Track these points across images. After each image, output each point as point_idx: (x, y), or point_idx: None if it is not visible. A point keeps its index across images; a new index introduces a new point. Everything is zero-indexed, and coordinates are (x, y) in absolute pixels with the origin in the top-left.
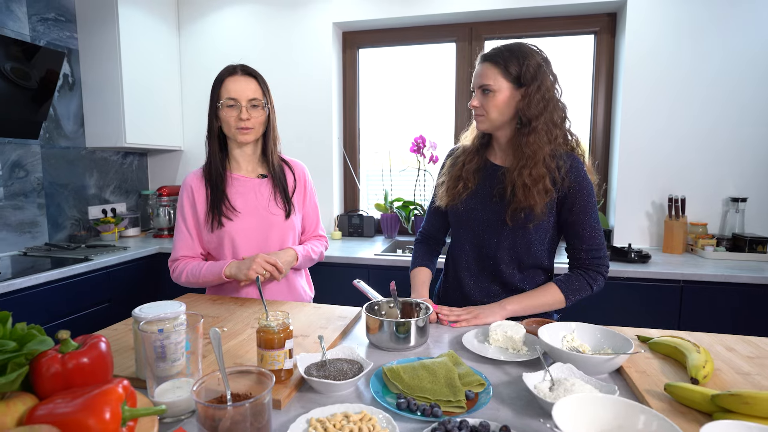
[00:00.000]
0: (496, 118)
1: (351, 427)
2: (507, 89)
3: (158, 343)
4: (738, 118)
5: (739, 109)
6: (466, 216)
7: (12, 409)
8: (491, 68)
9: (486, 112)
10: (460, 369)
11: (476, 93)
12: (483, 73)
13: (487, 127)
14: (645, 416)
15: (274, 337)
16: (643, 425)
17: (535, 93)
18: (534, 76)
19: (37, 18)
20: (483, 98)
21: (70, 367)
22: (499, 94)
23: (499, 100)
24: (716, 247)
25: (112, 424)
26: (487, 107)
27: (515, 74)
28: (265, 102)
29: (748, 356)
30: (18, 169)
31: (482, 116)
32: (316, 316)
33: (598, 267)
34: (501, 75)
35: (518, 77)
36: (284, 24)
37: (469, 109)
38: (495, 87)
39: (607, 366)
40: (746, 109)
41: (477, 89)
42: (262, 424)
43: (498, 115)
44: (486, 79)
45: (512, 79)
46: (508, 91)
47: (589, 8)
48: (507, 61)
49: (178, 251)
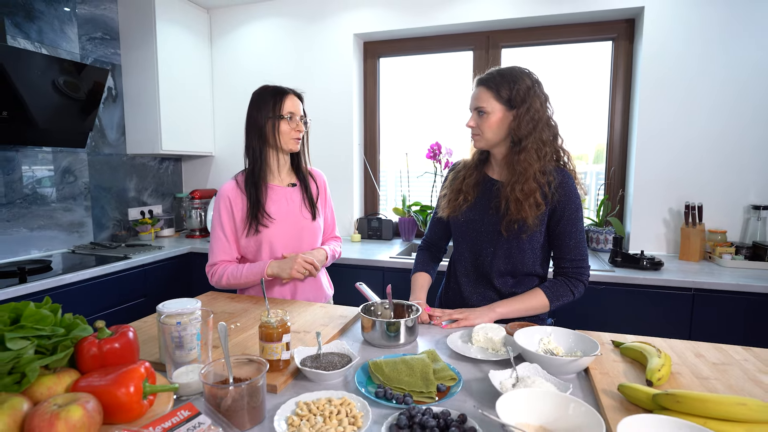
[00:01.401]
0: (491, 137)
1: (331, 409)
2: (499, 111)
3: (176, 334)
4: (762, 124)
5: (759, 116)
6: (465, 227)
7: (61, 380)
8: (485, 92)
9: (481, 132)
10: (436, 365)
11: (473, 114)
12: (478, 96)
13: (483, 146)
14: (573, 405)
15: (273, 332)
16: (572, 413)
17: (525, 114)
18: (524, 99)
19: (86, 37)
20: (478, 119)
21: (105, 350)
22: (492, 116)
23: (492, 121)
24: (734, 256)
25: (135, 396)
26: (482, 127)
27: (506, 97)
28: (306, 119)
29: (713, 363)
30: (68, 174)
31: (478, 135)
32: (320, 315)
33: (580, 276)
34: (494, 98)
35: (509, 100)
36: (309, 36)
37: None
38: (488, 109)
39: (572, 367)
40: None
41: (473, 110)
42: (258, 403)
43: (492, 135)
44: (480, 102)
45: (504, 101)
46: (501, 112)
47: (607, 15)
48: (499, 85)
49: (216, 256)
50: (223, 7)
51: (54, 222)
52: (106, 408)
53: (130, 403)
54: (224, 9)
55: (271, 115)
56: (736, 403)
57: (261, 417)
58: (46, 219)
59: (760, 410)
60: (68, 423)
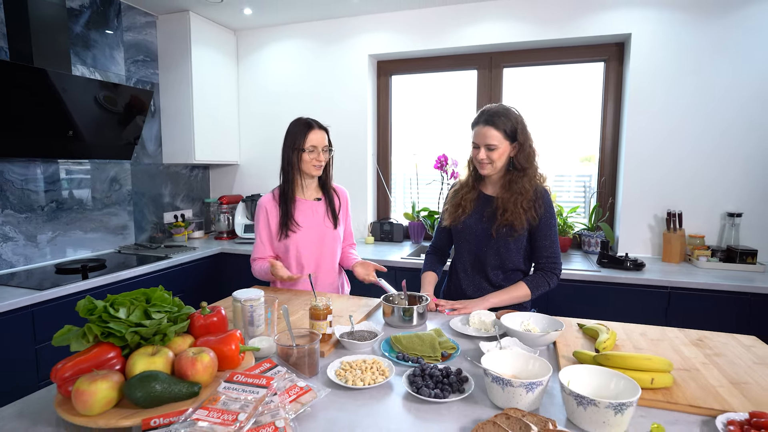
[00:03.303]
0: (499, 165)
1: (366, 366)
2: (505, 145)
3: (249, 313)
4: (735, 139)
5: (737, 130)
6: (464, 233)
7: (185, 340)
8: (493, 130)
9: (492, 161)
10: (441, 338)
11: (482, 148)
12: (487, 134)
13: (490, 172)
14: (533, 360)
15: (320, 313)
16: (532, 366)
17: (526, 147)
18: (522, 133)
19: (131, 60)
20: (488, 152)
21: (208, 322)
22: (500, 149)
23: (500, 153)
24: (710, 258)
25: (235, 351)
26: (492, 158)
27: (509, 133)
28: (330, 147)
29: (651, 339)
30: (115, 183)
31: (489, 164)
32: (350, 303)
33: (553, 269)
34: (501, 135)
35: (511, 134)
36: (327, 55)
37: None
38: (497, 144)
39: (542, 340)
40: (744, 130)
41: (482, 146)
42: (314, 361)
43: (500, 164)
44: (490, 140)
45: (507, 136)
46: (507, 146)
47: (599, 40)
48: (504, 124)
49: (256, 254)
50: (248, 29)
51: (102, 225)
52: (218, 358)
53: (233, 355)
54: (250, 31)
55: (296, 147)
56: (644, 358)
57: (317, 370)
58: (96, 222)
59: (660, 363)
60: (203, 363)
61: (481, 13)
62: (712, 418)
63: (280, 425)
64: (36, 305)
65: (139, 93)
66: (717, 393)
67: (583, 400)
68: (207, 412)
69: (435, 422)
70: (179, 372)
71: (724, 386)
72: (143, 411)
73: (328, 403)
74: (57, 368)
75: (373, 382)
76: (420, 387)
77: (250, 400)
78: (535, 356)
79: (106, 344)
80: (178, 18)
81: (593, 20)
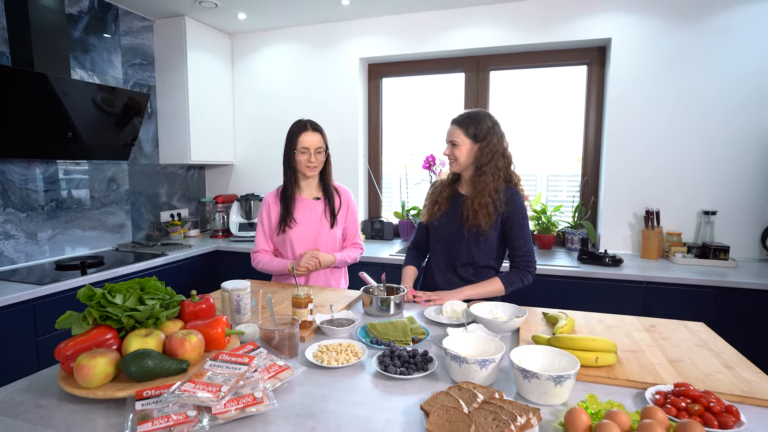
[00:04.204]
0: (462, 162)
1: (341, 348)
2: (468, 144)
3: (236, 302)
4: (711, 140)
5: (712, 132)
6: (438, 230)
7: (176, 324)
8: (457, 129)
9: (455, 158)
10: (413, 325)
11: (448, 145)
12: (452, 132)
13: (457, 169)
14: (490, 342)
15: (302, 301)
16: (489, 347)
17: (485, 147)
18: (485, 136)
19: (128, 64)
20: (452, 149)
21: (197, 309)
22: (462, 147)
23: (462, 150)
24: (685, 254)
25: (222, 335)
26: (455, 154)
27: (473, 133)
28: (325, 148)
29: (609, 326)
30: (113, 183)
31: (454, 161)
32: (334, 295)
33: (527, 267)
34: (463, 134)
35: (475, 135)
36: (319, 58)
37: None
38: (459, 142)
39: (506, 326)
40: (718, 132)
41: (448, 143)
42: (294, 344)
43: (463, 161)
44: (454, 137)
45: (471, 136)
46: (468, 145)
47: (582, 44)
48: (468, 124)
49: (257, 246)
50: (243, 33)
51: (101, 224)
52: (205, 340)
53: (219, 338)
54: (244, 35)
55: (292, 147)
56: (590, 340)
57: (296, 353)
58: (94, 221)
59: (604, 344)
60: (191, 343)
61: (469, 17)
62: (644, 390)
63: (258, 396)
64: (37, 299)
65: (136, 95)
66: (654, 370)
67: (527, 374)
68: (194, 384)
69: (399, 395)
70: (170, 351)
71: (662, 364)
72: (137, 384)
73: (304, 380)
74: (60, 347)
75: (347, 362)
76: (387, 365)
77: (233, 374)
78: (494, 339)
79: (104, 326)
80: (174, 22)
81: (576, 25)
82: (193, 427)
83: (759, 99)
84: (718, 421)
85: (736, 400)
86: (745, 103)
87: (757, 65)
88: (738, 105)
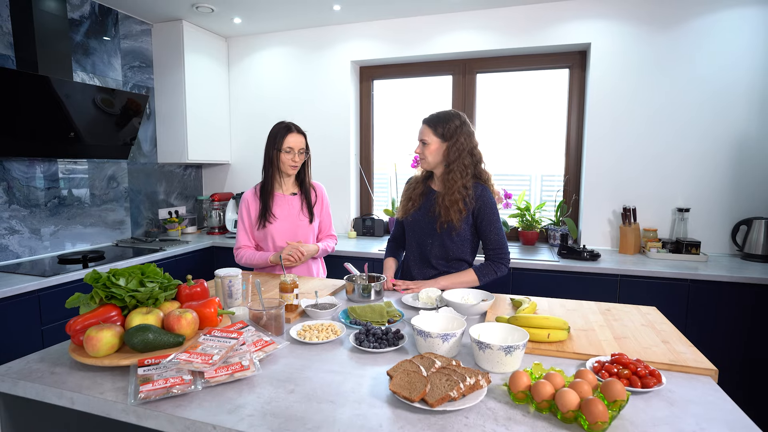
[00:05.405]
0: (431, 161)
1: (323, 328)
2: (436, 143)
3: (228, 287)
4: (687, 139)
5: (687, 132)
6: (413, 225)
7: (173, 305)
8: (426, 128)
9: (425, 157)
10: (389, 309)
11: (419, 144)
12: (422, 131)
13: (426, 167)
14: (454, 321)
15: (288, 286)
16: (452, 324)
17: (452, 146)
18: (452, 135)
19: (128, 66)
20: (422, 147)
21: (192, 291)
22: (431, 146)
23: (431, 149)
24: (660, 249)
25: (214, 314)
26: (425, 153)
27: (441, 132)
28: (307, 150)
29: (568, 309)
30: (112, 181)
31: (423, 159)
32: (320, 283)
33: (501, 259)
34: (432, 133)
35: (443, 134)
36: (313, 61)
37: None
38: (428, 141)
39: (474, 309)
40: (692, 132)
41: (419, 141)
42: (280, 323)
43: (432, 159)
44: (423, 136)
45: (439, 135)
46: (437, 144)
47: (563, 48)
48: (436, 124)
49: (239, 242)
50: (238, 36)
51: (101, 220)
52: (199, 319)
53: (212, 317)
54: (240, 38)
55: (276, 147)
56: (543, 318)
57: (282, 331)
58: (95, 218)
59: (555, 322)
60: (186, 319)
61: (456, 22)
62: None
63: (245, 363)
64: (42, 290)
65: (136, 97)
66: (600, 345)
67: (481, 345)
68: (189, 354)
69: (370, 365)
70: (167, 326)
71: (608, 340)
72: (139, 354)
73: (287, 353)
74: (70, 323)
75: (326, 338)
76: (362, 341)
77: (224, 346)
78: (458, 318)
79: (109, 305)
80: (172, 26)
81: (557, 30)
82: (188, 387)
83: (729, 102)
84: (642, 383)
85: (663, 368)
86: (716, 105)
87: (727, 69)
88: (709, 107)
